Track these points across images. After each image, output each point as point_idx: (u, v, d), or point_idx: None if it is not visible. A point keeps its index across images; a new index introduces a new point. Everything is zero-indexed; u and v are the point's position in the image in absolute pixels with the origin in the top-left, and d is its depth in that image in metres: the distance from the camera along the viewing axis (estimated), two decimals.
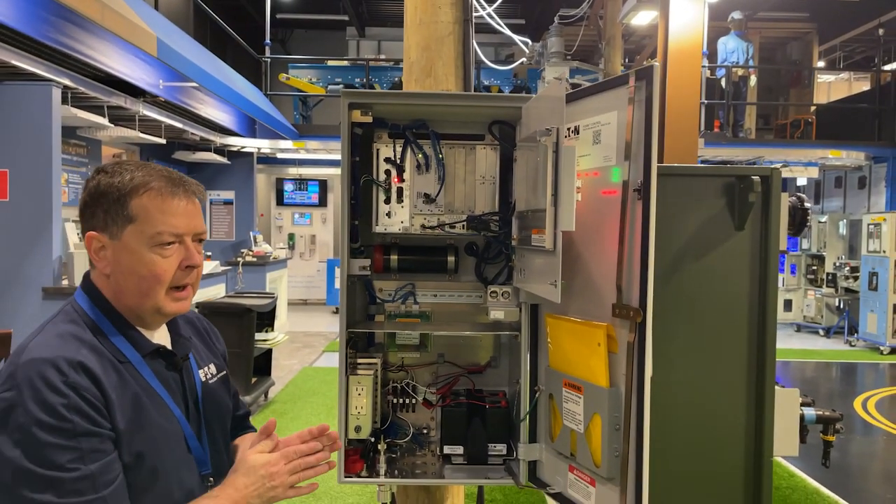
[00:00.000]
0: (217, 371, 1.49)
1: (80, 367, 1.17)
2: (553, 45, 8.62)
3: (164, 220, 1.26)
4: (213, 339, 1.56)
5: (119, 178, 1.28)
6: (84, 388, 1.16)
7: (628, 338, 1.47)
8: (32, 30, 4.57)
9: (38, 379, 1.13)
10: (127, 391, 1.23)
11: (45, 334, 1.24)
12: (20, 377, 1.14)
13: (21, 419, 1.11)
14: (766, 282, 2.12)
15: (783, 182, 2.19)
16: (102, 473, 1.14)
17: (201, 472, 1.34)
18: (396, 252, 2.04)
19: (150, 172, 1.29)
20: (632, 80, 1.46)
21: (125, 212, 1.26)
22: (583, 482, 1.65)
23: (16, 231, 5.26)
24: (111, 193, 1.27)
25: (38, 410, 1.11)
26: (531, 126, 1.69)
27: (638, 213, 1.45)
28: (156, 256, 1.26)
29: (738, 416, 2.13)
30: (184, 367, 1.38)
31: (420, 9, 2.24)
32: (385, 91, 5.83)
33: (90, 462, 1.13)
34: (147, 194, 1.27)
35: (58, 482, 1.10)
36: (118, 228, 1.27)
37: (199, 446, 1.35)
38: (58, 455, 1.11)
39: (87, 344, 1.22)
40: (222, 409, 1.47)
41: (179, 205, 1.28)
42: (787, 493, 4.44)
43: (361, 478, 1.89)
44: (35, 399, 1.12)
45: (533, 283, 1.70)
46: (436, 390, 2.09)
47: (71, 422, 1.13)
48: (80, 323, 1.27)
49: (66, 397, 1.13)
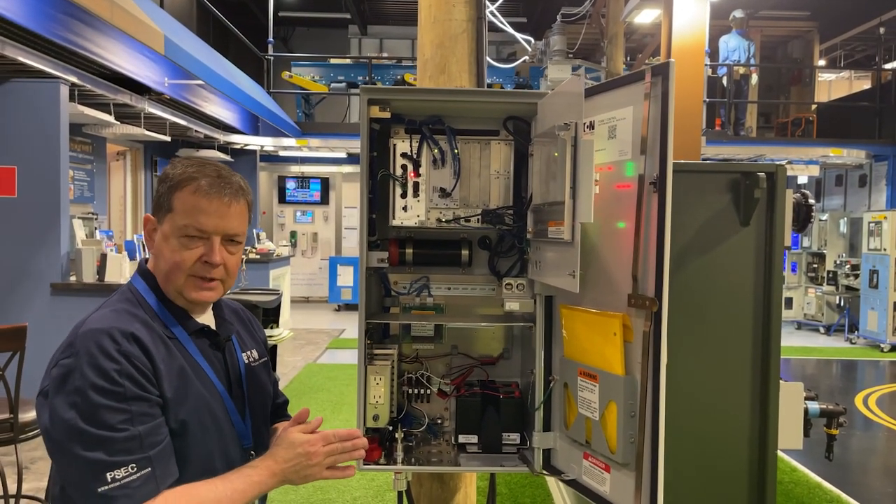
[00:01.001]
0: (259, 357, 1.59)
1: (132, 337, 1.26)
2: (555, 44, 8.66)
3: (194, 216, 1.35)
4: (256, 328, 1.66)
5: (174, 170, 1.39)
6: (135, 356, 1.25)
7: (644, 327, 1.51)
8: (42, 27, 4.60)
9: (94, 346, 1.22)
10: (174, 363, 1.32)
11: (103, 309, 1.34)
12: (79, 345, 1.24)
13: (77, 382, 1.20)
14: (770, 277, 2.16)
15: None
16: (149, 435, 1.23)
17: (243, 445, 1.43)
18: (411, 246, 2.07)
19: (200, 170, 1.38)
20: (648, 76, 1.49)
21: (169, 202, 1.37)
22: (598, 468, 1.69)
23: (24, 227, 5.30)
24: (165, 183, 1.39)
25: (94, 375, 1.20)
26: (548, 121, 1.73)
27: (653, 206, 1.49)
28: (180, 246, 1.35)
29: (743, 410, 2.16)
30: (227, 347, 1.48)
31: (434, 7, 2.27)
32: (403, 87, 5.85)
33: (138, 424, 1.22)
34: (187, 189, 1.36)
35: (108, 441, 1.19)
36: (163, 215, 1.38)
37: (241, 421, 1.44)
38: (109, 416, 1.20)
39: (139, 319, 1.32)
40: (264, 390, 1.56)
41: (213, 205, 1.36)
42: (790, 488, 4.49)
43: (379, 465, 1.93)
44: (91, 364, 1.21)
45: (550, 274, 1.74)
46: (450, 381, 2.13)
47: (122, 386, 1.21)
48: (134, 302, 1.37)
49: (118, 363, 1.22)
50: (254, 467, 1.34)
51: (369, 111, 1.88)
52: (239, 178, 1.44)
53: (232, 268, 1.42)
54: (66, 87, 5.44)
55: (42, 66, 5.03)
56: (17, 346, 3.19)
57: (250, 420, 1.47)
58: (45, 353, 1.38)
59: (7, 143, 5.29)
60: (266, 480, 1.33)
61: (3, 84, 5.28)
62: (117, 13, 4.56)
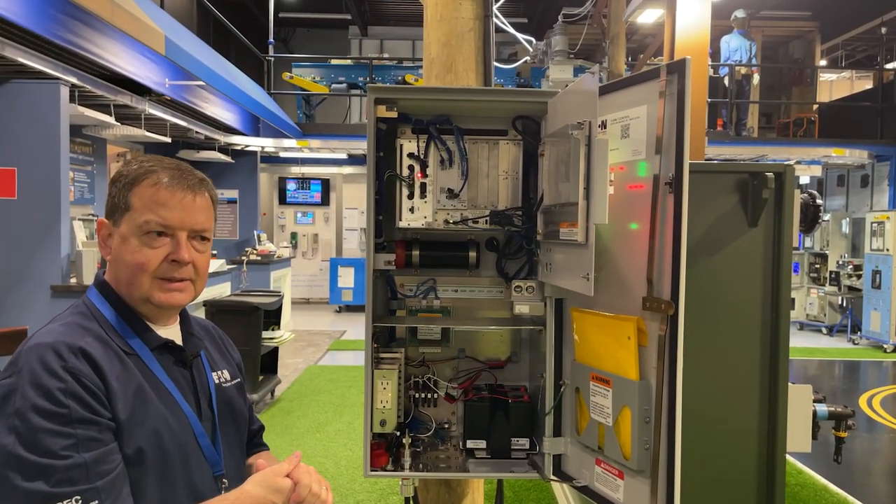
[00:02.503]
0: (231, 378, 1.45)
1: (81, 352, 1.14)
2: (557, 44, 8.63)
3: (155, 210, 1.24)
4: (228, 348, 1.53)
5: (128, 167, 1.28)
6: (83, 373, 1.13)
7: (659, 331, 1.48)
8: (42, 28, 4.57)
9: (38, 363, 1.11)
10: (131, 382, 1.19)
11: (52, 324, 1.23)
12: (21, 363, 1.12)
13: (18, 404, 1.08)
14: (779, 278, 2.13)
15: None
16: (97, 463, 1.10)
17: (214, 473, 1.29)
18: (418, 247, 2.04)
19: (158, 164, 1.28)
20: (663, 74, 1.46)
21: (126, 200, 1.26)
22: (611, 475, 1.65)
23: (25, 229, 5.27)
24: (118, 182, 1.27)
25: (35, 395, 1.08)
26: (559, 120, 1.70)
27: (669, 207, 1.46)
28: (142, 246, 1.24)
29: (751, 412, 2.14)
30: (195, 365, 1.35)
31: (441, 5, 2.24)
32: (411, 86, 5.81)
33: (84, 451, 1.09)
34: (145, 183, 1.25)
35: (49, 469, 1.06)
36: (119, 216, 1.26)
37: (212, 446, 1.30)
38: (51, 441, 1.07)
39: (91, 332, 1.20)
40: (238, 413, 1.43)
41: (176, 198, 1.25)
42: (797, 490, 4.45)
43: (387, 471, 1.89)
44: (32, 383, 1.09)
45: (561, 277, 1.70)
46: (457, 385, 2.09)
47: (67, 407, 1.09)
48: (88, 315, 1.25)
49: (63, 382, 1.10)
50: (224, 499, 1.20)
51: (376, 111, 1.85)
52: (200, 173, 1.34)
53: (202, 267, 1.31)
54: (67, 88, 5.40)
55: (42, 67, 5.00)
56: (17, 349, 3.15)
57: (223, 445, 1.33)
58: None
59: (7, 144, 5.25)
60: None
61: (2, 85, 5.25)
62: (118, 13, 4.53)
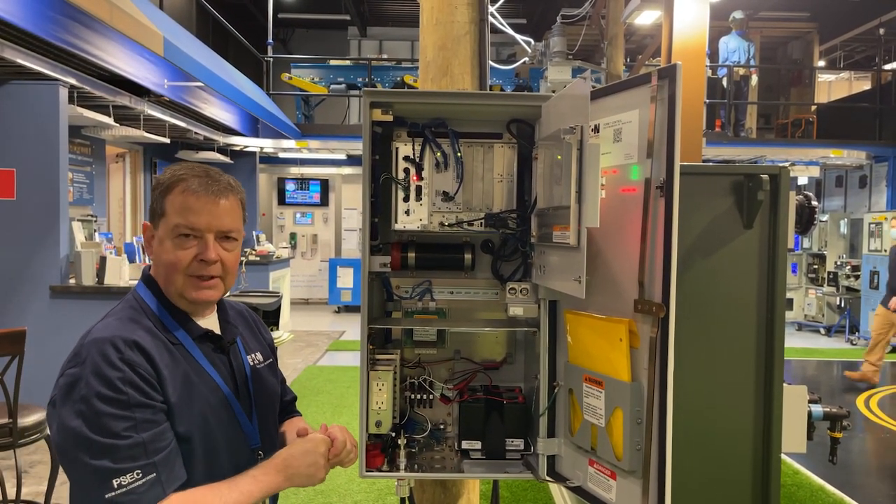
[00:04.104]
0: (264, 359, 1.62)
1: (135, 345, 1.29)
2: (555, 45, 8.64)
3: (184, 215, 1.37)
4: (261, 330, 1.69)
5: (164, 176, 1.42)
6: (138, 364, 1.27)
7: (650, 333, 1.49)
8: (40, 29, 4.58)
9: (98, 355, 1.25)
10: (178, 369, 1.34)
11: (108, 318, 1.37)
12: (84, 354, 1.27)
13: (83, 391, 1.23)
14: (774, 280, 2.14)
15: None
16: (153, 441, 1.25)
17: (251, 446, 1.46)
18: (414, 250, 2.05)
19: (189, 171, 1.41)
20: (654, 79, 1.48)
21: (161, 206, 1.40)
22: (603, 475, 1.67)
23: (24, 230, 5.28)
24: (156, 189, 1.43)
25: (98, 383, 1.23)
26: (553, 124, 1.71)
27: (660, 210, 1.47)
28: (175, 248, 1.38)
29: (747, 413, 2.15)
30: (231, 350, 1.50)
31: (437, 9, 2.25)
32: (406, 90, 5.80)
33: (142, 431, 1.24)
34: (176, 190, 1.39)
35: (114, 449, 1.21)
36: (157, 220, 1.41)
37: (249, 422, 1.46)
38: (114, 424, 1.22)
39: (142, 326, 1.35)
40: (271, 392, 1.60)
41: (202, 202, 1.38)
42: (793, 490, 4.47)
43: (382, 472, 1.90)
44: (95, 373, 1.24)
45: (554, 279, 1.72)
46: (453, 386, 2.11)
47: (125, 394, 1.24)
48: (138, 309, 1.40)
49: (121, 371, 1.25)
50: (260, 468, 1.37)
51: (371, 114, 1.86)
52: (229, 177, 1.46)
53: (230, 265, 1.44)
54: (66, 90, 5.42)
55: (41, 69, 5.01)
56: (16, 349, 3.17)
57: (257, 420, 1.50)
58: (45, 356, 1.40)
59: (6, 145, 5.27)
60: (272, 480, 1.36)
61: (2, 86, 5.27)
62: (116, 15, 4.54)
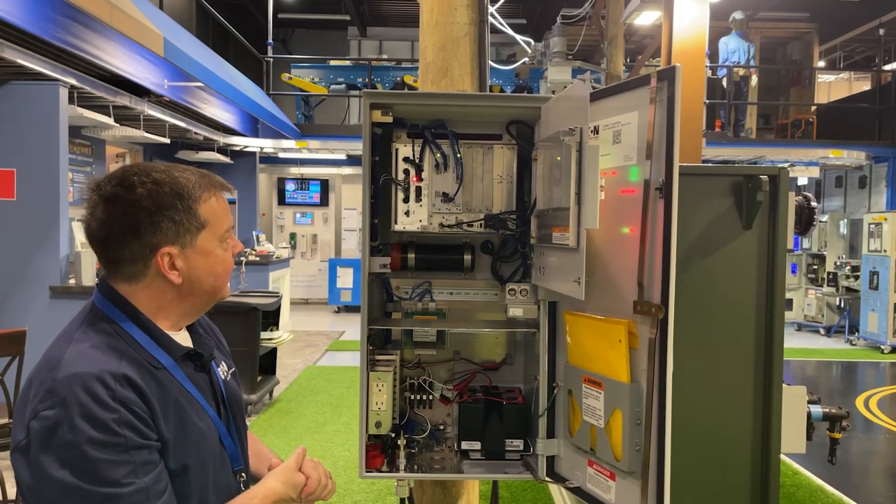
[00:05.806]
0: (228, 368, 1.50)
1: (126, 380, 1.15)
2: (555, 45, 8.64)
3: (227, 218, 1.34)
4: (218, 336, 1.56)
5: (165, 188, 1.25)
6: (132, 402, 1.14)
7: (649, 334, 1.50)
8: (40, 30, 4.59)
9: (85, 395, 1.10)
10: (168, 399, 1.22)
11: (79, 345, 1.19)
12: (63, 393, 1.10)
13: (69, 437, 1.08)
14: (773, 280, 2.14)
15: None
16: (154, 484, 1.15)
17: (234, 469, 1.35)
18: (413, 250, 2.06)
19: (194, 175, 1.30)
20: (653, 81, 1.48)
21: (196, 219, 1.27)
22: (602, 476, 1.67)
23: (24, 230, 5.28)
24: (177, 205, 1.25)
25: (89, 427, 1.09)
26: (552, 126, 1.72)
27: (659, 212, 1.48)
28: (225, 252, 1.34)
29: (746, 414, 2.15)
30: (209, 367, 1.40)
31: (436, 10, 2.26)
32: (406, 91, 5.82)
33: (143, 475, 1.13)
34: (207, 194, 1.30)
35: (115, 498, 1.10)
36: (192, 235, 1.27)
37: (232, 444, 1.37)
38: (112, 471, 1.10)
39: (125, 354, 1.20)
40: (242, 405, 1.49)
41: (225, 201, 1.36)
42: (792, 491, 4.47)
43: (382, 473, 1.91)
44: (84, 416, 1.09)
45: (554, 280, 1.72)
46: (453, 387, 2.11)
47: (123, 437, 1.11)
48: (112, 332, 1.23)
49: (116, 412, 1.11)
50: (253, 497, 1.31)
51: (371, 115, 1.87)
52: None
53: None
54: (66, 90, 5.42)
55: (41, 69, 5.01)
56: (16, 350, 3.17)
57: (238, 440, 1.41)
58: None
59: (6, 145, 5.27)
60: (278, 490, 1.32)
61: (2, 87, 5.27)
62: (116, 15, 4.54)
